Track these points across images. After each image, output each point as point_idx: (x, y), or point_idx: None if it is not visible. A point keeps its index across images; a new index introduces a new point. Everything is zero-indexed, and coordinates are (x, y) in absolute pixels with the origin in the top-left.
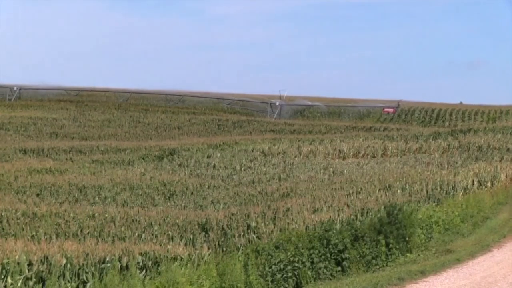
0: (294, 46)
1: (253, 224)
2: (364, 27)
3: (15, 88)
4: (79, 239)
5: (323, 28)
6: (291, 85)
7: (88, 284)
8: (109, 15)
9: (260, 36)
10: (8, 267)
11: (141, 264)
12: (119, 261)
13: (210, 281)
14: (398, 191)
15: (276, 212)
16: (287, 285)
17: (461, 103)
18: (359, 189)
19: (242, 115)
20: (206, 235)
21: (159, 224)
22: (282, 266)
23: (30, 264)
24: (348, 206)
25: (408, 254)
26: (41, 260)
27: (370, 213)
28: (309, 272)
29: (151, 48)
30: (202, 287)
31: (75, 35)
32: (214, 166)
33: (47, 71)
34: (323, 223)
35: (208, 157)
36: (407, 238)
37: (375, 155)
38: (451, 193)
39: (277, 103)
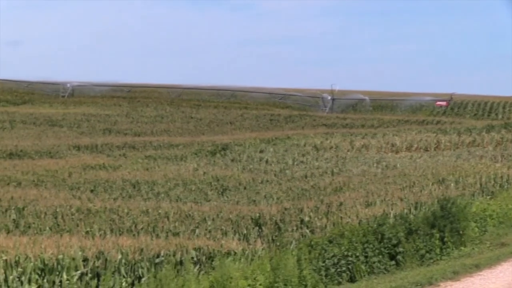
0: (345, 39)
1: (306, 218)
2: (416, 20)
3: (68, 85)
4: (133, 235)
5: (374, 21)
6: (343, 79)
7: (143, 279)
8: (160, 13)
9: (311, 30)
10: (63, 263)
11: (195, 259)
12: (174, 256)
13: (264, 276)
14: (452, 184)
15: (329, 206)
16: (341, 280)
17: None
18: (412, 183)
19: (294, 110)
20: (260, 230)
21: (213, 219)
22: (336, 261)
23: (85, 259)
24: (401, 200)
25: (462, 248)
26: (96, 256)
27: (424, 207)
28: (363, 266)
29: (203, 43)
30: (256, 282)
31: (127, 32)
32: (266, 161)
33: (101, 68)
34: (376, 217)
35: (261, 152)
36: (461, 232)
37: (428, 149)
38: (505, 186)
39: (329, 97)
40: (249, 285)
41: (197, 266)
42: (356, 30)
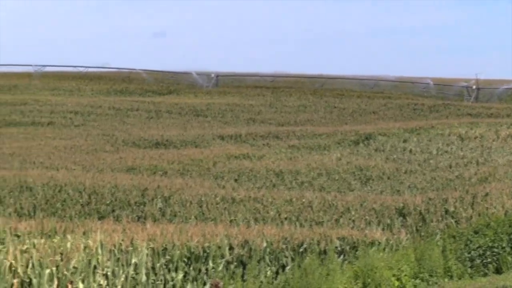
0: (491, 27)
1: (451, 209)
2: None
3: (213, 75)
4: (277, 224)
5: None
6: (487, 68)
7: (287, 268)
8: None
9: (453, 18)
10: (209, 251)
11: (339, 248)
12: (317, 245)
13: (409, 266)
14: None
15: (474, 197)
16: (487, 271)
17: None
18: None
19: (438, 99)
20: (404, 220)
21: (356, 209)
22: (481, 252)
23: (230, 248)
24: None
25: None
26: (241, 244)
27: None
28: (509, 258)
29: (345, 33)
30: (401, 273)
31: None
32: (410, 151)
33: (244, 58)
34: None
35: (404, 141)
36: None
37: None
38: None
39: (474, 87)
40: (393, 275)
41: (341, 256)
42: (503, 18)
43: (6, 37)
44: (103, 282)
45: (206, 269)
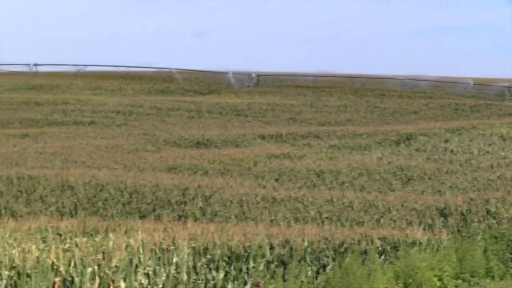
0: None
1: (493, 209)
2: None
3: (253, 75)
4: (318, 224)
5: None
6: None
7: (328, 268)
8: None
9: (495, 18)
10: (250, 250)
11: (380, 248)
12: (358, 245)
13: (450, 267)
14: None
15: None
16: None
17: None
18: None
19: (479, 99)
20: (445, 220)
21: (397, 209)
22: None
23: (271, 247)
24: None
25: None
26: (282, 244)
27: None
28: None
29: (386, 33)
30: (443, 273)
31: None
32: (451, 151)
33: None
34: None
35: (445, 141)
36: None
37: None
38: None
39: None
40: (435, 275)
41: (382, 256)
42: None
43: (49, 36)
44: (144, 281)
45: (247, 269)
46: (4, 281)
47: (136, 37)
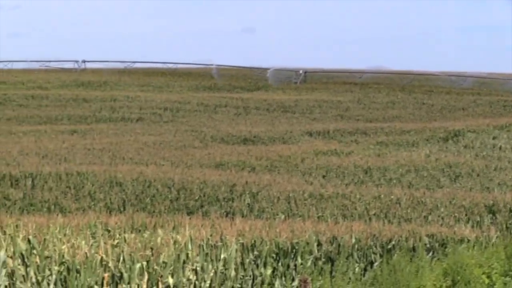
0: None
1: None
2: None
3: (301, 72)
4: (365, 220)
5: None
6: None
7: (375, 265)
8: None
9: None
10: (298, 247)
11: (428, 245)
12: (406, 242)
13: (499, 264)
14: None
15: None
16: None
17: None
18: None
19: None
20: (493, 217)
21: (445, 206)
22: None
23: (319, 244)
24: None
25: None
26: (330, 241)
27: None
28: None
29: (434, 29)
30: (492, 270)
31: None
32: (500, 148)
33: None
34: None
35: (494, 138)
36: None
37: None
38: None
39: None
40: (484, 273)
41: (430, 253)
42: None
43: (96, 34)
44: (192, 277)
45: (295, 265)
46: (54, 276)
47: (184, 35)
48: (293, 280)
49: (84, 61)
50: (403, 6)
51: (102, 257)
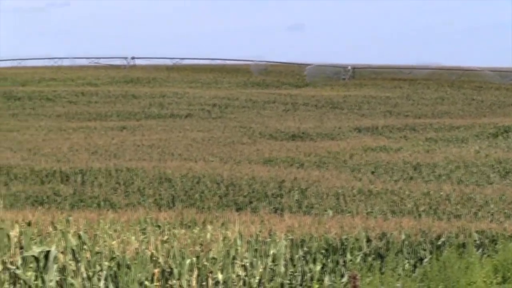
0: None
1: None
2: None
3: (349, 68)
4: (414, 217)
5: None
6: None
7: (425, 261)
8: None
9: None
10: (347, 243)
11: (477, 242)
12: (456, 238)
13: None
14: None
15: None
16: None
17: None
18: None
19: None
20: None
21: (495, 202)
22: None
23: (368, 240)
24: None
25: None
26: (379, 237)
27: None
28: None
29: (484, 24)
30: None
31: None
32: None
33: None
34: None
35: None
36: None
37: None
38: None
39: None
40: None
41: (480, 249)
42: None
43: (145, 31)
44: (241, 272)
45: (344, 261)
46: (105, 272)
47: (232, 32)
48: (342, 276)
49: (133, 58)
50: (452, 2)
51: (152, 253)
